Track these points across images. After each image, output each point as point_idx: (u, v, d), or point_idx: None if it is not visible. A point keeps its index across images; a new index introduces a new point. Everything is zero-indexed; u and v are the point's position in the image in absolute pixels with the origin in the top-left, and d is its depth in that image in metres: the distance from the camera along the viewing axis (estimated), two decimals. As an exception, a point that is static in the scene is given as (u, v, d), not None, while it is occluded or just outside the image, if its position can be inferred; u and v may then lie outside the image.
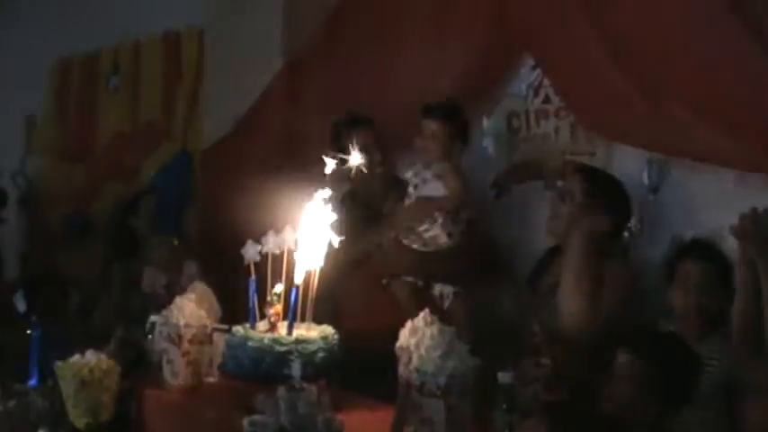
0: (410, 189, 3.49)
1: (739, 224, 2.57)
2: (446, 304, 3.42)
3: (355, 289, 3.53)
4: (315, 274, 2.74)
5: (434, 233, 3.45)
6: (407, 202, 3.49)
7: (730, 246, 2.77)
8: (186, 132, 5.00)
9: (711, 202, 3.17)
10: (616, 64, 3.23)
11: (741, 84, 2.91)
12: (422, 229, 3.46)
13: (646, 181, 3.37)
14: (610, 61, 3.25)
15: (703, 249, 2.91)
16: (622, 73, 3.22)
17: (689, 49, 3.02)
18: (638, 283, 3.16)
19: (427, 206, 3.44)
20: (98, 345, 3.02)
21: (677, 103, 3.06)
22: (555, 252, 3.21)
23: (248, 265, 2.80)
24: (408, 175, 3.49)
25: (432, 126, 3.41)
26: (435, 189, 3.45)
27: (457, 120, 3.45)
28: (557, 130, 3.69)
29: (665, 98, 3.09)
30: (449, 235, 3.46)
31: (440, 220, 3.44)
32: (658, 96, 3.12)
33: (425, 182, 3.45)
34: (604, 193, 3.10)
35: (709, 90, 2.97)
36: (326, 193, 2.73)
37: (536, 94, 3.74)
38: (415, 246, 3.47)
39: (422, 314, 2.68)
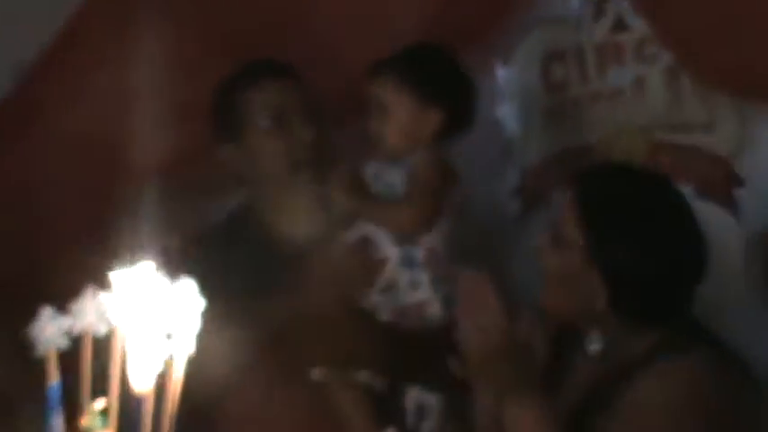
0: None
1: None
2: (427, 426, 2.51)
3: (255, 388, 2.52)
4: (176, 372, 1.76)
5: (420, 297, 2.48)
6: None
7: None
8: None
9: None
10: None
11: None
12: (383, 286, 2.48)
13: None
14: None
15: None
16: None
17: None
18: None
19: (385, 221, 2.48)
20: None
21: None
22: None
23: (45, 359, 1.85)
24: (369, 172, 2.60)
25: (386, 93, 2.48)
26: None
27: (435, 76, 2.50)
28: (639, 83, 2.69)
29: None
30: (445, 300, 2.46)
31: (427, 274, 2.46)
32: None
33: (390, 187, 2.55)
34: (613, 228, 2.18)
35: None
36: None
37: (598, 14, 2.72)
38: (382, 316, 2.50)
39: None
